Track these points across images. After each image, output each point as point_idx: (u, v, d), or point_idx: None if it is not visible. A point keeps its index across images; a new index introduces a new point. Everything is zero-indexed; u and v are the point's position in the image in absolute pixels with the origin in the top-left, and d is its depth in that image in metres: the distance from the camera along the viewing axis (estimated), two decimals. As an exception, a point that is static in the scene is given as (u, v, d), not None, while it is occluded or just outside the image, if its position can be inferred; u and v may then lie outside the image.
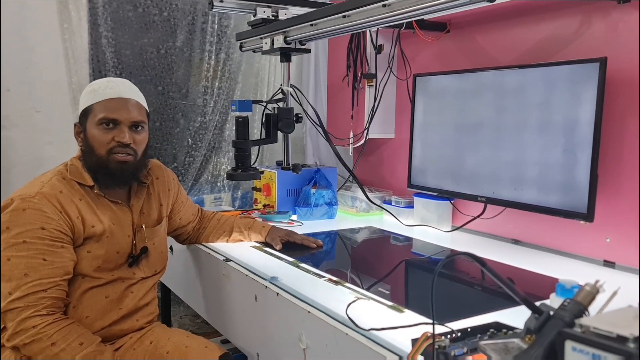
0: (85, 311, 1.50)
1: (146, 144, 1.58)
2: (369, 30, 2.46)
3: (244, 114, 2.12)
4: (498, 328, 1.04)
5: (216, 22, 2.83)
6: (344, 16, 1.74)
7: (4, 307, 1.37)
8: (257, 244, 1.91)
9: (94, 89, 1.53)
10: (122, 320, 1.58)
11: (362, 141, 2.55)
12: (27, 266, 1.37)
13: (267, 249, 1.85)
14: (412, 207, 2.25)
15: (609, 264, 1.67)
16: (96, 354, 1.39)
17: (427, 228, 2.16)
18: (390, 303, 1.32)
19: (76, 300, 1.49)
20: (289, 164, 2.37)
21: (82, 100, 1.55)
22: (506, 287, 0.95)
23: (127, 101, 1.53)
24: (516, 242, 1.96)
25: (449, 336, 1.02)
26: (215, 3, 2.15)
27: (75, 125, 1.57)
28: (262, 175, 2.37)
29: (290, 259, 1.72)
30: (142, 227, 1.62)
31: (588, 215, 1.58)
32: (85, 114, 1.52)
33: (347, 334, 1.15)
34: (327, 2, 2.15)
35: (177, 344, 1.56)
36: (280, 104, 2.29)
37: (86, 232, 1.48)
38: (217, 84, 2.89)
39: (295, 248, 1.86)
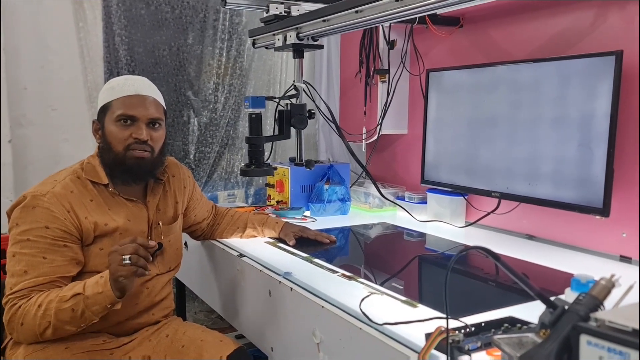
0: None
1: (163, 141, 1.59)
2: (382, 26, 2.45)
3: (257, 110, 2.12)
4: (512, 323, 1.04)
5: (227, 19, 2.84)
6: (357, 12, 1.74)
7: (3, 302, 1.40)
8: (271, 240, 1.92)
9: (113, 86, 1.55)
10: (139, 315, 1.60)
11: (375, 137, 2.54)
12: (28, 264, 1.39)
13: (280, 244, 1.86)
14: (426, 202, 2.25)
15: (625, 259, 1.65)
16: (74, 285, 1.38)
17: (441, 224, 2.15)
18: (403, 298, 1.32)
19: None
20: (302, 160, 2.38)
21: (101, 97, 1.56)
22: (520, 281, 0.94)
23: (145, 98, 1.54)
24: (531, 237, 1.95)
25: (462, 331, 1.02)
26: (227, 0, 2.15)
27: (93, 122, 1.58)
28: (275, 171, 2.37)
29: (304, 255, 1.72)
30: (158, 224, 1.64)
31: (604, 210, 1.57)
32: (104, 110, 1.54)
33: (360, 328, 1.16)
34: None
35: (192, 338, 1.58)
36: (293, 100, 2.29)
37: (97, 230, 1.49)
38: (228, 80, 2.90)
39: (308, 244, 1.86)
